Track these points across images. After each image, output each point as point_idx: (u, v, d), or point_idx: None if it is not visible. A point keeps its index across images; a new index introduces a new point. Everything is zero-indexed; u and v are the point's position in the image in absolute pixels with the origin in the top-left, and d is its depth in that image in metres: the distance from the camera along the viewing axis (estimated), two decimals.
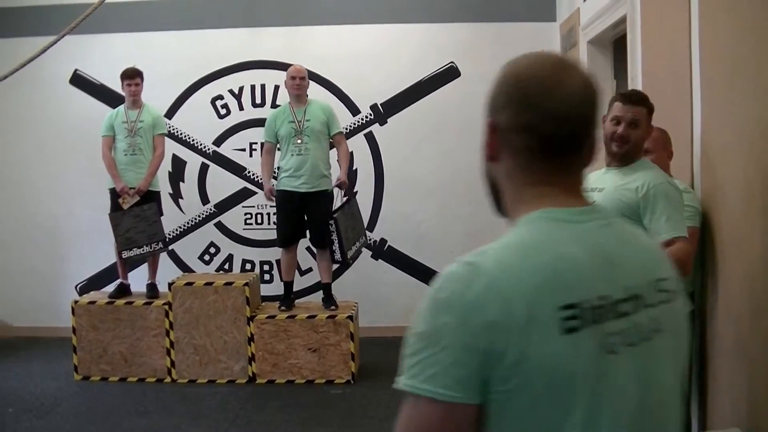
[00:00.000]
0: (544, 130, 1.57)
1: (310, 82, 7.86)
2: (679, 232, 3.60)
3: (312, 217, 7.57)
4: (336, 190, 7.70)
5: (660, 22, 5.47)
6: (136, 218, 7.70)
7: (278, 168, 7.72)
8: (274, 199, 7.63)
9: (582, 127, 1.61)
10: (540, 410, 1.42)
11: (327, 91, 8.90)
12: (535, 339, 1.40)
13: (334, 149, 7.86)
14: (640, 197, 3.70)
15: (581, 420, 1.43)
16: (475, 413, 1.42)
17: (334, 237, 7.30)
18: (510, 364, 1.39)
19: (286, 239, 7.70)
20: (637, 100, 3.96)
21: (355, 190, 8.87)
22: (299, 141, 7.50)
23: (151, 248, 7.80)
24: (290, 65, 8.06)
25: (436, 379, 1.40)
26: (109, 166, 7.81)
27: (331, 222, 7.29)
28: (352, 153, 8.45)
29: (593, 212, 1.61)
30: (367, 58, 9.06)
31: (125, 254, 7.75)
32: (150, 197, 7.88)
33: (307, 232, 7.74)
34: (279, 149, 7.69)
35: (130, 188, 7.72)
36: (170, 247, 8.95)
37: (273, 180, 7.73)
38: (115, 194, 7.81)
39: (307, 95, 7.72)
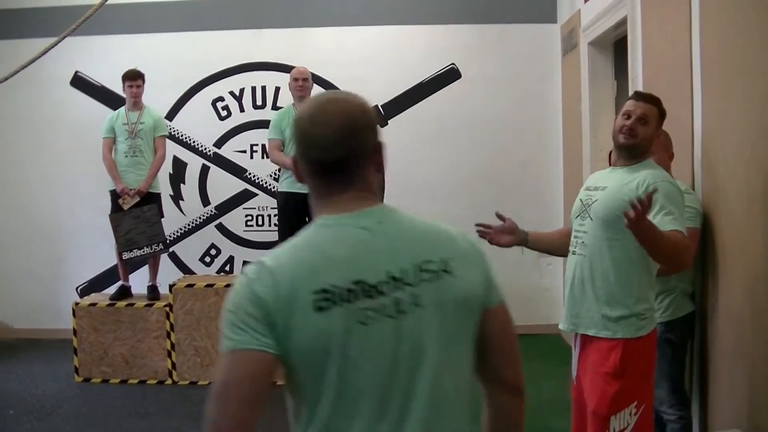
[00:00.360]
0: (313, 158, 2.07)
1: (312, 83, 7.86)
2: (677, 227, 3.59)
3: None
4: None
5: (661, 23, 5.48)
6: (136, 219, 7.70)
7: (280, 170, 7.72)
8: None
9: (346, 150, 2.04)
10: (307, 366, 1.92)
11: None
12: (296, 314, 1.90)
13: None
14: (640, 193, 3.69)
15: (335, 374, 1.91)
16: (276, 363, 1.93)
17: None
18: (282, 331, 1.90)
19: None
20: (649, 99, 3.95)
21: None
22: None
23: (151, 249, 7.81)
24: (291, 67, 8.08)
25: (244, 336, 1.91)
26: (110, 168, 7.82)
27: None
28: None
29: (364, 215, 2.04)
30: (367, 59, 9.06)
31: (126, 255, 7.76)
32: (150, 199, 7.88)
33: None
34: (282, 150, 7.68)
35: (131, 189, 7.72)
36: (171, 249, 8.96)
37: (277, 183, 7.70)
38: (115, 195, 7.81)
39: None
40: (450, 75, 9.02)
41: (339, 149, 2.04)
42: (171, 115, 9.12)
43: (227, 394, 1.98)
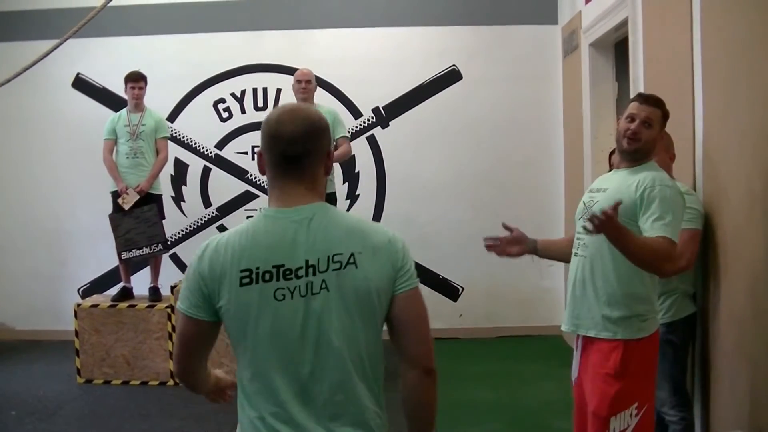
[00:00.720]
0: (278, 151, 2.54)
1: None
2: (666, 233, 3.56)
3: None
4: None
5: (662, 24, 5.48)
6: (136, 219, 7.71)
7: None
8: None
9: (305, 148, 2.54)
10: (235, 326, 2.51)
11: (329, 94, 8.90)
12: (225, 287, 2.48)
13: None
14: (638, 196, 3.67)
15: (251, 339, 2.49)
16: (210, 325, 2.57)
17: None
18: (215, 299, 2.51)
19: None
20: (653, 102, 3.93)
21: (357, 193, 8.87)
22: None
23: (151, 250, 7.82)
24: (292, 68, 8.10)
25: (185, 303, 2.55)
26: (111, 168, 7.83)
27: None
28: (354, 156, 8.50)
29: (299, 211, 2.53)
30: (368, 61, 9.07)
31: (125, 255, 7.78)
32: (151, 200, 7.89)
33: None
34: None
35: (130, 188, 7.72)
36: (172, 251, 9.00)
37: None
38: (116, 196, 7.81)
39: (315, 102, 7.66)
40: (451, 76, 9.03)
41: (299, 146, 2.54)
42: (172, 116, 9.13)
43: (177, 343, 2.71)
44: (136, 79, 7.82)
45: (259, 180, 9.12)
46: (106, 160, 7.86)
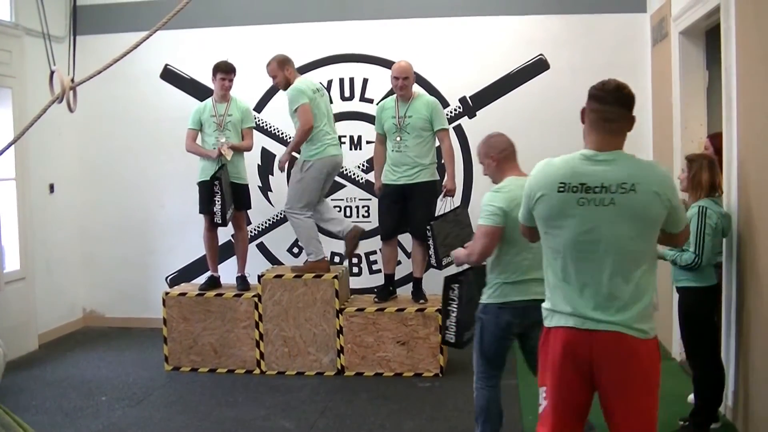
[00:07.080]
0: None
1: None
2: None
3: (412, 208, 7.57)
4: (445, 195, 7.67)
5: (755, 11, 5.36)
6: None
7: None
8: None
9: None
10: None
11: (415, 83, 8.86)
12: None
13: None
14: None
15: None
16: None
17: (431, 243, 7.22)
18: None
19: (387, 232, 7.72)
20: None
21: (444, 183, 8.80)
22: (398, 138, 7.47)
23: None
24: (379, 59, 8.20)
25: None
26: (196, 150, 7.94)
27: (428, 228, 7.22)
28: (438, 148, 8.47)
29: None
30: (455, 50, 9.03)
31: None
32: (244, 191, 8.06)
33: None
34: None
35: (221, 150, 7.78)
36: (259, 239, 9.17)
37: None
38: (204, 188, 7.86)
39: (414, 91, 7.67)
40: (538, 66, 8.94)
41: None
42: (259, 106, 9.21)
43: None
44: (227, 71, 7.88)
45: (346, 170, 9.12)
46: (189, 146, 7.95)
